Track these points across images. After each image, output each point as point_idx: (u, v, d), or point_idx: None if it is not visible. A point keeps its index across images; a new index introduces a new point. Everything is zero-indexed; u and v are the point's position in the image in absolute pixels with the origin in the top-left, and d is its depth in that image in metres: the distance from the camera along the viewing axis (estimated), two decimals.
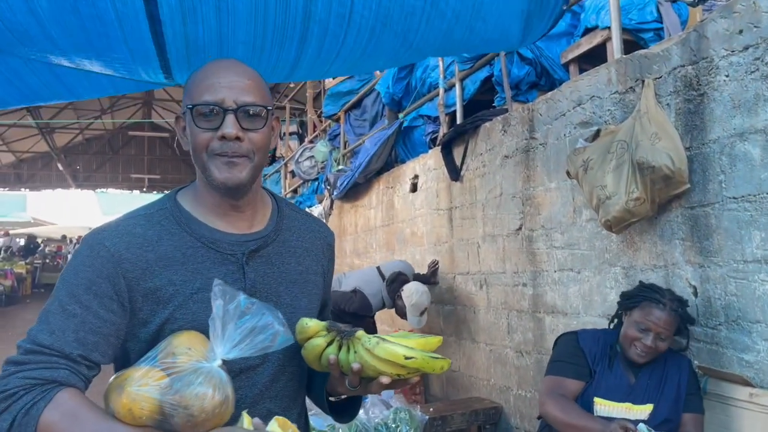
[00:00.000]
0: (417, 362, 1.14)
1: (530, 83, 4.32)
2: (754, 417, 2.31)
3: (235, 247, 1.23)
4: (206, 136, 1.18)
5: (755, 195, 2.37)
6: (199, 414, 1.00)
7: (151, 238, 1.18)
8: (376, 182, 6.60)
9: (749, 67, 2.40)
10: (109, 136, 25.00)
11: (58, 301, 1.12)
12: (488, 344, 4.29)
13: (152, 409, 1.00)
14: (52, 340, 1.08)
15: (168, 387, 1.01)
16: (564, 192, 3.48)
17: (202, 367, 1.04)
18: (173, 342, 1.08)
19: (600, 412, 2.39)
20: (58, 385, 1.06)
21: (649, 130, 2.66)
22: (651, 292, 2.46)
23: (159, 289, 1.15)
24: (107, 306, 1.12)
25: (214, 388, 1.02)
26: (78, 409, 1.04)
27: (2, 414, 1.03)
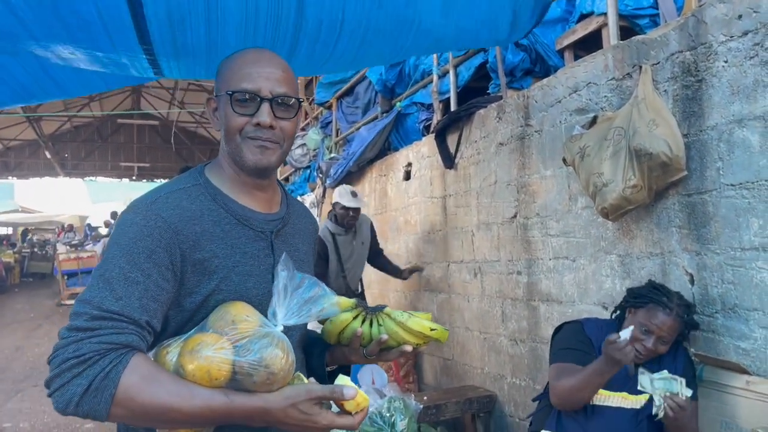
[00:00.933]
0: (437, 333, 1.39)
1: (525, 70, 4.28)
2: (751, 404, 2.31)
3: (264, 225, 1.34)
4: (242, 120, 1.28)
5: (753, 182, 2.35)
6: (279, 371, 1.11)
7: (195, 212, 1.25)
8: (369, 170, 6.56)
9: (748, 53, 2.38)
10: (98, 123, 24.75)
11: (119, 268, 1.14)
12: (482, 332, 4.28)
13: (228, 370, 1.09)
14: (119, 306, 1.11)
15: (245, 349, 1.10)
16: (559, 179, 3.45)
17: (272, 332, 1.14)
18: (231, 311, 1.16)
19: (596, 401, 2.37)
20: (131, 349, 1.10)
21: (646, 116, 2.63)
22: (659, 294, 2.40)
23: (206, 260, 1.22)
24: (164, 275, 1.17)
25: (285, 350, 1.13)
26: (155, 371, 1.09)
27: (76, 378, 1.05)
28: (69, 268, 13.89)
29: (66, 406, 1.05)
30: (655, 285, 2.48)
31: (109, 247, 1.19)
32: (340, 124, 7.78)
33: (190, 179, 1.32)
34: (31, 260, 19.21)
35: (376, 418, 3.56)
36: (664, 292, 2.42)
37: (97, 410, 1.05)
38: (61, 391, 1.05)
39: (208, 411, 1.08)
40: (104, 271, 1.15)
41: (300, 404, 1.12)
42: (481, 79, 4.76)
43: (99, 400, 1.05)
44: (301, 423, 1.13)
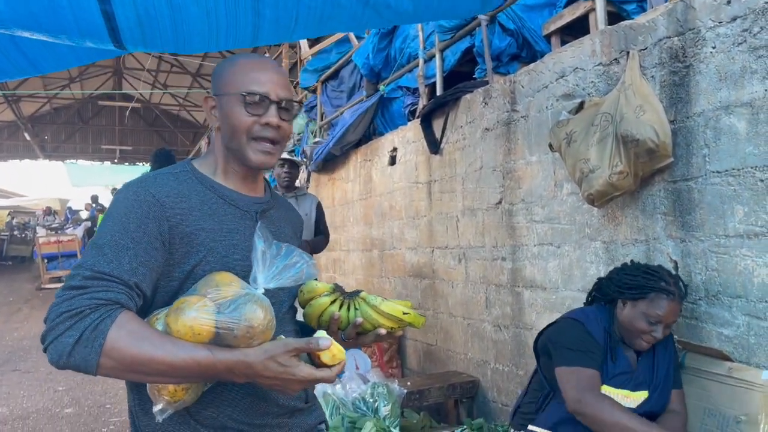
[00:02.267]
0: (410, 317, 1.46)
1: (511, 55, 4.24)
2: (732, 390, 2.32)
3: (249, 205, 1.45)
4: (250, 120, 1.39)
5: (739, 169, 2.35)
6: (257, 326, 1.17)
7: (183, 191, 1.35)
8: (353, 155, 6.51)
9: (736, 39, 2.36)
10: (79, 105, 24.34)
11: (111, 235, 1.23)
12: (466, 318, 4.28)
13: (211, 325, 1.16)
14: (111, 268, 1.19)
15: (225, 307, 1.17)
16: (545, 165, 3.44)
17: (252, 292, 1.22)
18: (215, 278, 1.24)
19: None
20: (120, 306, 1.17)
21: (633, 102, 2.62)
22: (657, 280, 2.29)
23: (193, 233, 1.31)
24: (153, 244, 1.26)
25: (264, 308, 1.20)
26: (141, 327, 1.17)
27: (68, 330, 1.12)
28: (49, 252, 13.71)
29: (59, 357, 1.12)
30: (647, 270, 2.36)
31: (103, 221, 1.29)
32: (324, 108, 7.71)
33: (177, 167, 1.43)
34: (10, 243, 18.97)
35: (360, 404, 3.55)
36: (660, 276, 2.31)
37: (87, 360, 1.12)
38: (54, 343, 1.12)
39: (192, 362, 1.15)
40: (97, 240, 1.25)
41: (278, 357, 1.18)
42: (468, 64, 4.72)
43: (89, 351, 1.11)
44: (280, 375, 1.19)
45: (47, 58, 2.98)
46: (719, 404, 2.35)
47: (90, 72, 21.43)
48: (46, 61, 3.02)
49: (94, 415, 5.12)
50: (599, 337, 2.34)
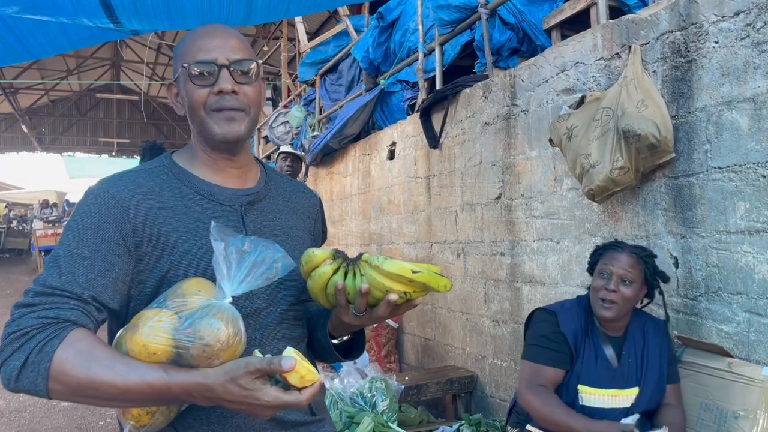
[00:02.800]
0: (424, 276, 1.18)
1: (511, 49, 4.21)
2: (731, 386, 2.31)
3: (233, 199, 1.30)
4: (203, 92, 1.25)
5: (741, 165, 2.33)
6: (214, 343, 1.03)
7: (153, 188, 1.23)
8: (352, 149, 6.49)
9: (740, 34, 2.34)
10: (76, 98, 24.25)
11: (66, 245, 1.14)
12: (464, 313, 4.27)
13: (167, 344, 1.04)
14: (62, 281, 1.10)
15: (181, 322, 1.05)
16: (545, 160, 3.42)
17: (213, 303, 1.08)
18: (183, 286, 1.12)
19: (586, 401, 2.26)
20: (71, 324, 1.08)
21: (635, 97, 2.60)
22: (610, 242, 2.43)
23: (163, 234, 1.19)
24: (114, 250, 1.16)
25: (227, 321, 1.05)
26: (92, 347, 1.06)
27: (15, 353, 1.04)
28: (46, 245, 13.70)
29: (8, 381, 1.04)
30: (604, 243, 2.48)
31: (65, 227, 1.21)
32: (323, 101, 7.67)
33: (154, 162, 1.32)
34: (7, 236, 18.93)
35: (357, 398, 3.54)
36: (612, 241, 2.44)
37: (35, 384, 1.04)
38: (4, 366, 1.05)
39: (145, 386, 1.03)
40: (54, 251, 1.16)
41: (239, 378, 1.03)
42: (467, 58, 4.70)
43: (36, 375, 1.03)
44: (243, 399, 1.04)
45: (41, 43, 2.95)
46: (717, 399, 2.34)
47: (88, 64, 21.34)
48: (40, 46, 3.00)
49: (90, 408, 5.11)
50: (572, 328, 2.34)
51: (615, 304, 2.25)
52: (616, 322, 2.32)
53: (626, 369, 2.29)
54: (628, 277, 2.26)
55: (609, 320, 2.30)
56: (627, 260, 2.27)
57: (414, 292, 1.19)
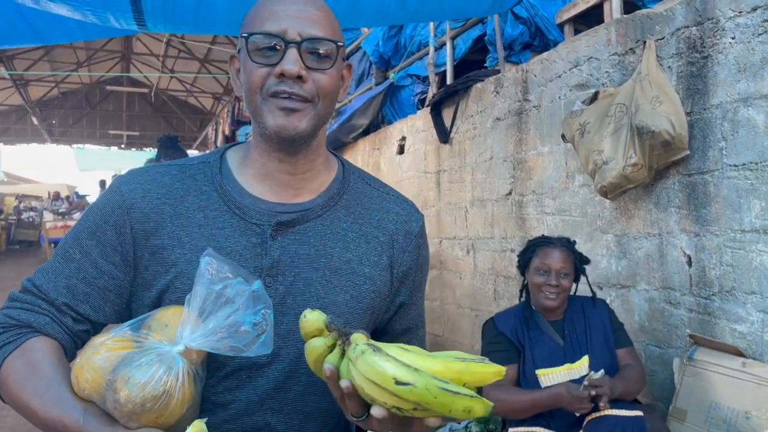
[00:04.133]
0: (415, 393, 0.75)
1: (524, 44, 4.18)
2: (744, 386, 2.29)
3: (264, 216, 1.01)
4: (262, 72, 0.97)
5: (757, 163, 2.30)
6: (124, 402, 0.82)
7: (177, 191, 1.02)
8: (362, 143, 6.47)
9: (757, 29, 2.31)
10: (86, 90, 24.31)
11: (65, 241, 1.03)
12: (473, 310, 4.25)
13: (95, 382, 0.86)
14: (43, 280, 0.99)
15: (116, 363, 0.85)
16: (557, 156, 3.39)
17: (158, 348, 0.85)
18: (157, 315, 0.93)
19: (545, 381, 2.38)
20: (33, 331, 0.96)
21: (649, 93, 2.57)
22: (538, 240, 2.59)
23: (166, 248, 0.99)
24: (108, 256, 0.99)
25: (156, 378, 0.82)
26: (41, 362, 0.92)
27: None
28: (56, 236, 13.77)
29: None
30: (531, 240, 2.65)
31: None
32: None
33: (202, 157, 1.10)
34: (18, 228, 19.04)
35: None
36: (543, 237, 2.62)
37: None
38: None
39: (60, 425, 0.88)
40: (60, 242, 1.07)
41: None
42: (479, 52, 4.67)
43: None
44: None
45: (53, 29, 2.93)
46: (727, 398, 2.32)
47: (98, 57, 21.40)
48: (51, 32, 2.97)
49: None
50: (510, 326, 2.51)
51: (558, 294, 2.45)
52: (559, 308, 2.50)
53: (572, 344, 2.43)
54: (564, 270, 2.45)
55: (554, 308, 2.47)
56: (560, 255, 2.46)
57: (414, 409, 0.78)
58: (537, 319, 2.50)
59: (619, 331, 2.49)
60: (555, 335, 2.47)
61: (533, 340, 2.46)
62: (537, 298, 2.49)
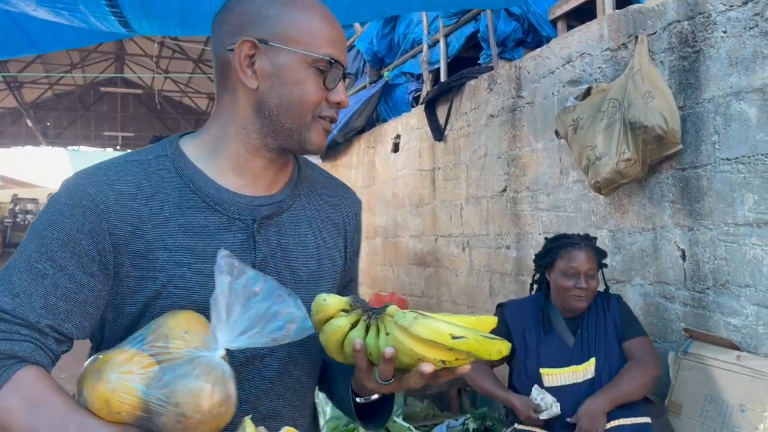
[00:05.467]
0: (468, 343, 0.88)
1: (517, 40, 4.18)
2: (739, 379, 2.29)
3: (245, 211, 1.01)
4: (320, 94, 0.99)
5: (749, 156, 2.31)
6: (192, 415, 0.81)
7: (147, 189, 0.96)
8: (356, 142, 6.47)
9: (748, 23, 2.31)
10: (80, 92, 24.26)
11: (26, 256, 0.90)
12: (469, 307, 4.26)
13: (134, 404, 0.82)
14: (14, 304, 0.87)
15: (157, 378, 0.82)
16: (551, 153, 3.40)
17: (200, 356, 0.84)
18: (168, 323, 0.88)
19: (548, 382, 2.36)
20: (19, 360, 0.86)
21: (642, 88, 2.57)
22: (562, 240, 2.52)
23: (151, 252, 0.94)
24: (86, 268, 0.92)
25: (214, 383, 0.83)
26: (43, 394, 0.85)
27: None
28: None
29: None
30: (553, 238, 2.59)
31: (28, 230, 0.95)
32: None
33: (156, 149, 1.02)
34: (13, 230, 19.02)
35: None
36: (565, 236, 2.56)
37: None
38: None
39: None
40: (12, 260, 0.92)
41: None
42: (472, 49, 4.67)
43: None
44: None
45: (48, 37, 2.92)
46: (723, 392, 2.33)
47: (92, 58, 21.35)
48: (46, 40, 2.96)
49: None
50: (515, 319, 2.50)
51: (588, 296, 2.42)
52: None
53: (582, 344, 2.41)
54: (591, 271, 2.42)
55: (583, 310, 2.44)
56: (586, 256, 2.42)
57: (456, 359, 0.90)
58: (552, 316, 2.48)
59: (627, 323, 2.46)
60: (566, 334, 2.44)
61: (541, 338, 2.44)
62: (565, 301, 2.44)
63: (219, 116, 1.03)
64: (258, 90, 0.98)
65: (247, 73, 0.98)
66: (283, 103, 0.98)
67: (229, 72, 1.00)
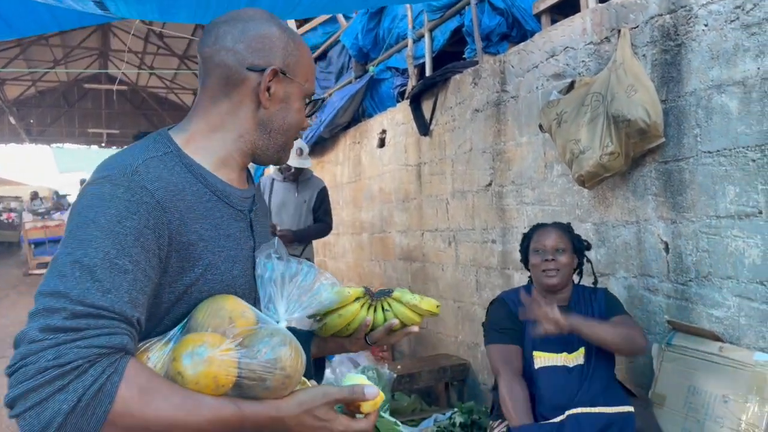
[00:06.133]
0: (439, 309, 1.37)
1: (501, 34, 4.18)
2: (721, 370, 2.31)
3: (242, 203, 1.16)
4: (304, 121, 1.21)
5: (731, 149, 2.32)
6: (294, 374, 0.98)
7: (177, 185, 1.04)
8: (342, 137, 6.45)
9: (729, 16, 2.32)
10: (64, 88, 24.01)
11: (104, 253, 0.92)
12: (456, 301, 4.26)
13: (235, 374, 0.95)
14: (108, 300, 0.90)
15: (255, 350, 0.96)
16: (535, 147, 3.40)
17: (278, 329, 1.01)
18: (226, 306, 1.01)
19: (539, 363, 2.42)
20: (125, 354, 0.91)
21: (625, 81, 2.58)
22: (534, 226, 2.65)
23: (192, 244, 1.03)
24: (151, 262, 0.98)
25: (294, 349, 0.99)
26: (154, 381, 0.92)
27: (59, 393, 0.83)
28: (36, 237, 13.60)
29: (44, 428, 0.82)
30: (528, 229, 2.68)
31: (81, 226, 0.95)
32: None
33: (158, 146, 1.08)
34: None
35: None
36: (535, 225, 2.67)
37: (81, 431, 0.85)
38: (37, 409, 0.83)
39: (218, 424, 0.93)
40: (82, 257, 0.91)
41: (316, 410, 1.00)
42: (457, 44, 4.66)
43: (89, 419, 0.84)
44: (315, 431, 1.01)
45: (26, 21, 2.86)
46: (706, 383, 2.35)
47: (75, 54, 21.12)
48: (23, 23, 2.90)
49: None
50: (516, 308, 2.51)
51: (557, 271, 2.47)
52: (562, 289, 2.52)
53: (573, 334, 2.37)
54: (560, 246, 2.49)
55: (555, 287, 2.48)
56: (555, 233, 2.52)
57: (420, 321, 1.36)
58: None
59: (611, 307, 2.50)
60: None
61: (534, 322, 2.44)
62: (538, 280, 2.52)
63: (214, 118, 1.13)
64: (268, 111, 1.14)
65: (265, 96, 1.12)
66: (285, 125, 1.16)
67: (240, 85, 1.12)
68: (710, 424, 2.29)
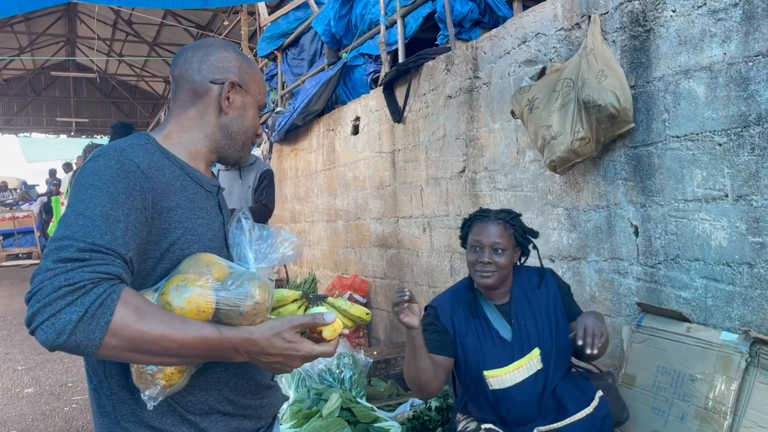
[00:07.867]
0: (369, 316, 1.52)
1: (474, 21, 4.18)
2: (689, 350, 2.37)
3: (210, 185, 1.41)
4: (258, 126, 1.49)
5: (698, 134, 2.36)
6: (263, 302, 1.19)
7: (157, 164, 1.27)
8: (316, 124, 6.41)
9: (696, 2, 2.35)
10: (30, 76, 23.44)
11: (101, 206, 1.14)
12: (431, 287, 4.29)
13: (214, 305, 1.15)
14: (107, 240, 1.11)
15: (227, 285, 1.17)
16: (508, 133, 3.42)
17: (248, 270, 1.23)
18: (203, 258, 1.23)
19: (495, 385, 2.19)
20: (122, 281, 1.11)
21: (595, 67, 2.60)
22: (476, 213, 2.35)
23: (172, 209, 1.26)
24: (139, 218, 1.18)
25: (264, 285, 1.20)
26: (146, 303, 1.11)
27: (70, 306, 1.03)
28: (4, 229, 13.32)
29: (57, 335, 1.02)
30: (470, 215, 2.40)
31: (82, 189, 1.17)
32: (285, 76, 7.55)
33: (140, 138, 1.32)
34: None
35: (326, 375, 3.54)
36: (478, 211, 2.37)
37: (91, 339, 1.04)
38: (52, 320, 1.02)
39: (200, 340, 1.12)
40: (83, 210, 1.13)
41: (284, 333, 1.19)
42: (430, 30, 4.65)
43: (94, 328, 1.04)
44: (284, 351, 1.20)
45: None
46: (674, 363, 2.40)
47: (41, 41, 20.62)
48: None
49: (55, 394, 5.01)
50: (449, 316, 2.30)
51: (493, 272, 2.22)
52: (499, 288, 2.29)
53: (521, 335, 2.23)
54: (499, 246, 2.22)
55: (491, 287, 2.27)
56: (495, 230, 2.23)
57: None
58: (482, 306, 2.30)
59: (569, 303, 2.32)
60: (504, 327, 2.25)
61: (479, 336, 2.24)
62: (474, 278, 2.29)
63: (184, 122, 1.40)
64: (228, 116, 1.41)
65: (225, 103, 1.39)
66: (242, 128, 1.43)
67: (205, 95, 1.39)
68: (678, 402, 2.34)
